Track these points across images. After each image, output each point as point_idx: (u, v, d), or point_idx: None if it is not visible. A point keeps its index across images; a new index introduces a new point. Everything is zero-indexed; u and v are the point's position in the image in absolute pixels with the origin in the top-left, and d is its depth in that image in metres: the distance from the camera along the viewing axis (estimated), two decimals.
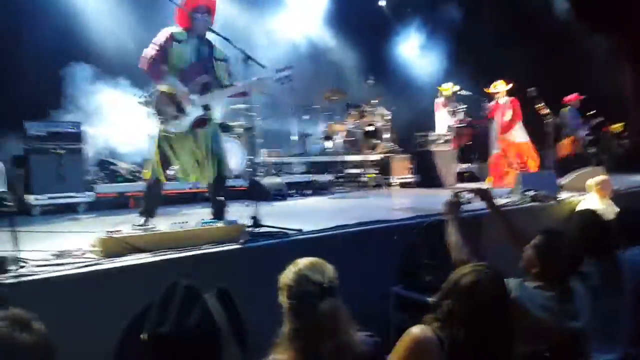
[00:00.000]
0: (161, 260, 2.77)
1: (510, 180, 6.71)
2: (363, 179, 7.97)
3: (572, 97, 8.80)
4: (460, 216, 2.60)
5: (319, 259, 1.71)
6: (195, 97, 3.54)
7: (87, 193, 5.14)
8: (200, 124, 3.61)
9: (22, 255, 2.60)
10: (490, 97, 7.66)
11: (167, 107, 3.48)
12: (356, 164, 8.42)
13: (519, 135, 7.46)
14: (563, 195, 5.56)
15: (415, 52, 11.86)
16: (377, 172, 8.17)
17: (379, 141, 8.74)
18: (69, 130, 5.14)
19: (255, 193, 5.30)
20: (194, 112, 3.54)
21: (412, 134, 8.86)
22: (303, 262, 1.68)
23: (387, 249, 3.82)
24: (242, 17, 8.79)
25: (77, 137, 5.21)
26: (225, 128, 7.08)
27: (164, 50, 3.45)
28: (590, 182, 4.96)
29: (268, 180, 6.69)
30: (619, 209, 4.02)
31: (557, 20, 10.59)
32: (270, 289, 1.81)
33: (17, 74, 6.12)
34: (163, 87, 3.51)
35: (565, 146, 8.74)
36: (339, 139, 8.63)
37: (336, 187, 7.68)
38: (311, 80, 9.94)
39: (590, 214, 2.93)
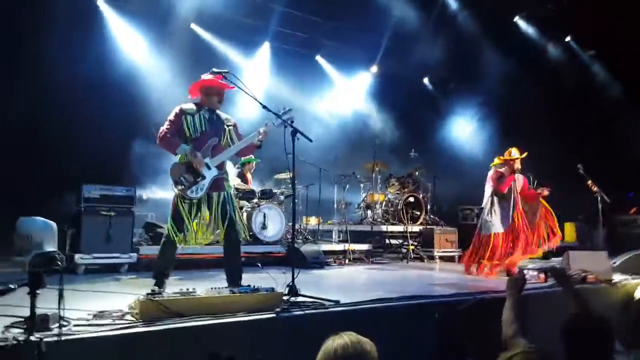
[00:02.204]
0: (197, 326, 2.75)
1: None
2: (403, 250, 7.78)
3: None
4: (520, 294, 2.59)
5: (359, 341, 1.58)
6: (208, 159, 3.76)
7: (131, 254, 5.31)
8: (216, 185, 3.78)
9: (65, 314, 2.66)
10: (510, 167, 5.88)
11: (184, 175, 3.70)
12: (396, 235, 8.27)
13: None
14: (616, 278, 5.21)
15: (459, 125, 11.98)
16: (418, 243, 7.98)
17: (420, 212, 8.62)
18: (122, 193, 5.44)
19: (293, 260, 5.27)
20: (210, 174, 3.75)
21: (456, 207, 8.69)
22: (341, 344, 1.56)
23: (427, 327, 3.63)
24: (296, 92, 9.41)
25: (130, 200, 5.49)
26: (267, 195, 7.28)
27: (175, 124, 3.77)
28: None
29: (306, 248, 6.67)
30: None
31: (602, 96, 10.49)
32: None
33: (81, 141, 6.72)
34: (177, 158, 3.77)
35: None
36: (380, 208, 8.58)
37: (375, 258, 7.51)
38: (354, 150, 10.27)
39: None
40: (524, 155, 5.88)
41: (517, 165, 5.83)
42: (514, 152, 5.88)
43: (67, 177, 6.02)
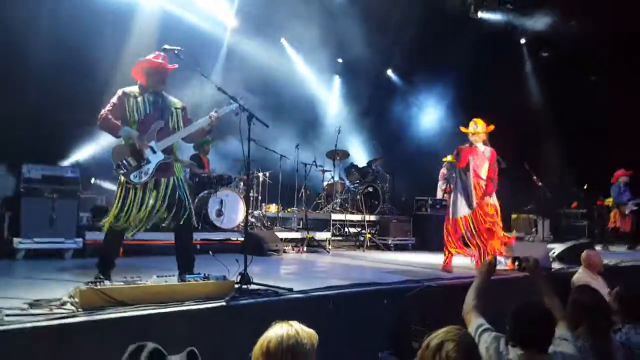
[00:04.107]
0: (139, 316, 2.65)
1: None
2: (360, 238, 7.88)
3: (617, 174, 9.20)
4: (489, 277, 2.78)
5: (297, 334, 1.57)
6: (154, 143, 3.60)
7: (76, 239, 5.03)
8: (163, 170, 3.64)
9: None
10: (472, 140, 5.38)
11: (126, 158, 3.52)
12: (354, 224, 8.35)
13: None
14: (555, 266, 5.52)
15: (420, 116, 12.18)
16: (374, 232, 8.09)
17: (378, 202, 8.73)
18: (66, 174, 5.13)
19: (250, 247, 5.21)
20: (155, 158, 3.59)
21: (412, 198, 8.89)
22: (278, 336, 1.56)
23: (377, 313, 3.72)
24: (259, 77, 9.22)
25: (75, 181, 5.18)
26: (226, 181, 7.13)
27: (117, 106, 3.60)
28: (582, 256, 4.94)
29: (264, 235, 6.61)
30: (607, 285, 4.03)
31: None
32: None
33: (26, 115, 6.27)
34: (120, 141, 3.61)
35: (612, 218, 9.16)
36: (339, 197, 8.62)
37: (333, 245, 7.56)
38: (316, 139, 10.24)
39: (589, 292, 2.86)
40: (489, 128, 5.35)
41: (474, 137, 5.32)
42: (478, 126, 5.33)
43: (6, 154, 5.65)
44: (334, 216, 8.06)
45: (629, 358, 2.59)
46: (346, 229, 8.24)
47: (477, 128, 5.35)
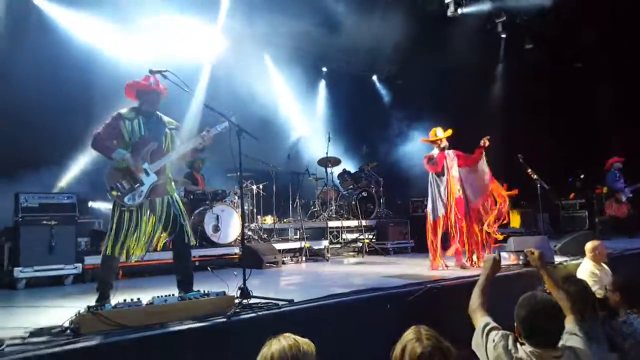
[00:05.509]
0: (143, 337, 2.66)
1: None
2: (359, 244, 7.90)
3: (610, 161, 9.30)
4: (494, 275, 2.71)
5: (297, 344, 1.59)
6: (147, 165, 3.64)
7: (76, 265, 5.04)
8: (156, 191, 3.68)
9: None
10: (438, 146, 5.74)
11: (120, 181, 3.56)
12: (352, 230, 8.38)
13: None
14: (557, 259, 5.54)
15: (408, 119, 12.24)
16: (372, 237, 8.12)
17: (374, 207, 8.77)
18: (63, 201, 5.15)
19: (249, 260, 5.22)
20: (149, 180, 3.63)
21: (407, 200, 8.92)
22: (278, 349, 1.58)
23: (381, 319, 3.70)
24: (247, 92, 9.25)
25: (72, 207, 5.20)
26: (220, 196, 7.15)
27: (111, 128, 3.64)
28: (586, 247, 4.94)
29: (261, 247, 6.62)
30: (613, 274, 4.04)
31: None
32: None
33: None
34: (114, 163, 3.63)
35: (608, 207, 9.24)
36: (334, 204, 8.66)
37: (332, 253, 7.57)
38: (307, 148, 10.29)
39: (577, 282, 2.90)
40: (448, 132, 5.73)
41: (444, 143, 5.71)
42: (439, 132, 5.76)
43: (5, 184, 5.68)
44: (331, 223, 8.09)
45: (636, 348, 2.57)
46: (344, 236, 8.27)
47: (441, 134, 5.73)
